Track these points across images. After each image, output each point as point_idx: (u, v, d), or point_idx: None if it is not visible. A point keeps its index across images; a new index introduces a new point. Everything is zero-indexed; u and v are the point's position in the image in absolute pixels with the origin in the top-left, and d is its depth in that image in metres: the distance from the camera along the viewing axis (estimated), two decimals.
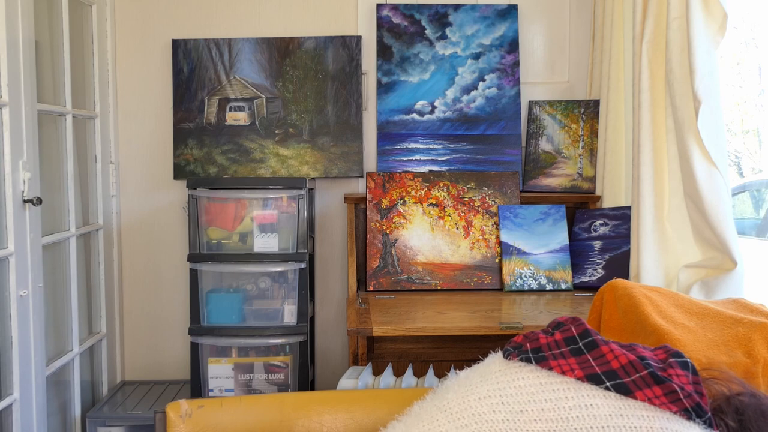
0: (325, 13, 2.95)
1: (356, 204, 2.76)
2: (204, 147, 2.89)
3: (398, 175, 2.72)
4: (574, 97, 2.95)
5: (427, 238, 2.66)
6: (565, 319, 1.06)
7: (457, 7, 2.92)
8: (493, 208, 2.70)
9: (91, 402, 2.79)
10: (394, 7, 2.92)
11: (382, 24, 2.92)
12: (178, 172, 2.89)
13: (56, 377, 2.50)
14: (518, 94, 2.91)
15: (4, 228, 2.12)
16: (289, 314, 2.63)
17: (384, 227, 2.67)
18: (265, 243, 2.62)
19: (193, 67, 2.89)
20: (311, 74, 2.90)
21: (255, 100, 2.90)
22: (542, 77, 2.98)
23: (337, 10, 2.95)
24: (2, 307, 2.13)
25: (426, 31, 2.92)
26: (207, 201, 2.64)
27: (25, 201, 2.17)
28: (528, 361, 1.01)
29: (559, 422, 0.93)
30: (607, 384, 0.95)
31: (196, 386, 2.63)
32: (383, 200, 2.69)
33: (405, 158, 2.89)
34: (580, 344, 1.00)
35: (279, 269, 2.64)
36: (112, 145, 2.91)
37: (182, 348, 2.96)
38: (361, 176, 2.90)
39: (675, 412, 0.93)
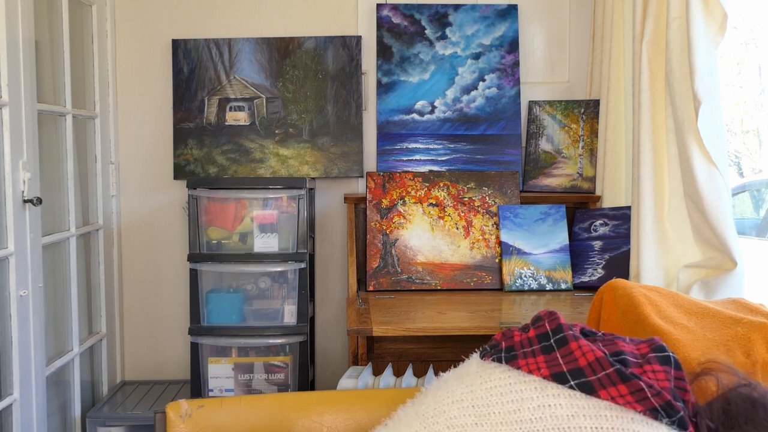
0: (325, 13, 2.95)
1: (356, 204, 2.76)
2: (204, 147, 2.89)
3: (398, 175, 2.72)
4: (574, 97, 2.95)
5: (427, 238, 2.66)
6: (544, 314, 1.04)
7: (457, 7, 2.92)
8: (493, 208, 2.70)
9: (91, 402, 2.79)
10: (394, 7, 2.92)
11: (382, 24, 2.92)
12: (178, 172, 2.89)
13: (56, 377, 2.50)
14: (518, 94, 2.91)
15: (4, 228, 2.12)
16: (289, 314, 2.63)
17: (384, 227, 2.67)
18: (265, 243, 2.62)
19: (193, 67, 2.89)
20: (311, 74, 2.90)
21: (255, 100, 2.90)
22: (542, 77, 2.98)
23: (337, 10, 2.95)
24: (2, 307, 2.13)
25: (426, 31, 2.92)
26: (207, 201, 2.64)
27: (25, 201, 2.17)
28: (499, 360, 0.99)
29: (522, 423, 0.91)
30: (572, 383, 0.93)
31: (196, 386, 2.63)
32: (383, 200, 2.69)
33: (405, 158, 2.89)
34: (552, 341, 0.98)
35: (279, 269, 2.64)
36: (112, 145, 2.91)
37: (182, 348, 2.96)
38: (361, 176, 2.91)
39: (640, 412, 0.90)
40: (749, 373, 1.66)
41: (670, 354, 0.97)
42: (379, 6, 2.92)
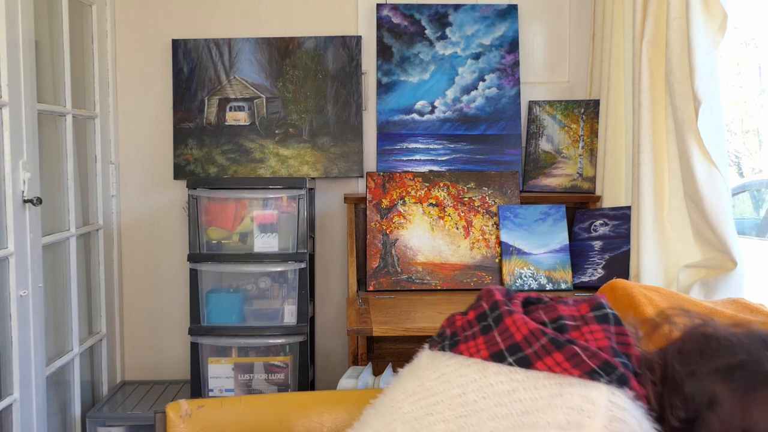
0: (325, 13, 2.95)
1: (356, 204, 2.76)
2: (204, 147, 2.89)
3: (398, 175, 2.72)
4: (574, 97, 2.95)
5: (427, 238, 2.66)
6: (483, 293, 1.03)
7: (457, 7, 2.92)
8: (493, 208, 2.70)
9: (91, 402, 2.79)
10: (394, 7, 2.92)
11: (382, 24, 2.92)
12: (178, 172, 2.89)
13: (56, 377, 2.50)
14: (518, 94, 2.91)
15: (4, 228, 2.12)
16: (289, 314, 2.63)
17: (384, 227, 2.67)
18: (265, 243, 2.62)
19: (193, 67, 2.89)
20: (311, 74, 2.90)
21: (255, 100, 2.90)
22: (542, 77, 2.98)
23: (337, 10, 2.95)
24: (2, 307, 2.13)
25: (426, 31, 2.92)
26: (207, 201, 2.64)
27: (25, 201, 2.17)
28: (444, 349, 1.00)
29: (467, 405, 0.91)
30: (510, 360, 0.92)
31: (196, 386, 2.63)
32: (383, 200, 2.69)
33: (405, 158, 2.89)
34: (490, 320, 0.97)
35: (279, 269, 2.64)
36: (112, 145, 2.91)
37: (182, 348, 2.96)
38: (361, 176, 2.90)
39: (578, 376, 0.89)
40: None
41: (609, 311, 0.96)
42: (379, 6, 2.92)
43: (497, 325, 0.96)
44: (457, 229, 2.67)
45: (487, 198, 2.71)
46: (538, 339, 0.92)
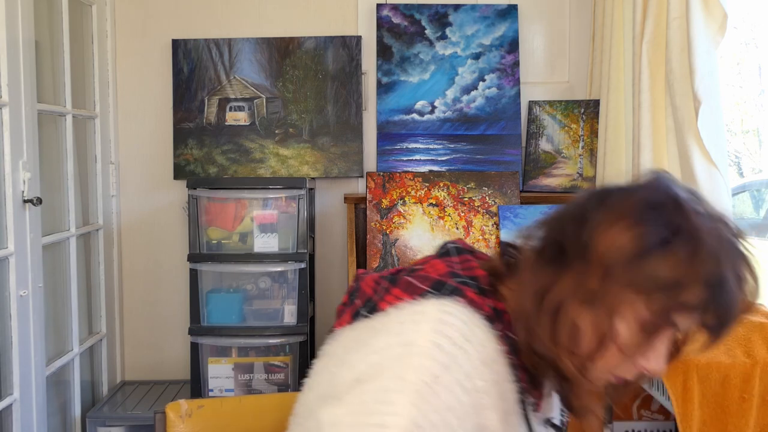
0: (325, 13, 2.95)
1: (356, 204, 2.76)
2: (204, 147, 2.89)
3: (398, 175, 2.72)
4: (574, 97, 2.95)
5: (427, 238, 2.66)
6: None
7: (457, 7, 2.92)
8: (493, 208, 2.70)
9: (91, 402, 2.79)
10: (394, 7, 2.92)
11: (382, 24, 2.92)
12: (178, 172, 2.89)
13: (56, 377, 2.50)
14: (518, 94, 2.91)
15: (4, 228, 2.12)
16: (289, 314, 2.63)
17: (384, 227, 2.67)
18: (265, 243, 2.62)
19: (193, 67, 2.89)
20: (311, 74, 2.90)
21: (255, 100, 2.90)
22: (542, 77, 2.98)
23: (337, 10, 2.95)
24: (2, 307, 2.13)
25: (426, 31, 2.92)
26: (207, 201, 2.64)
27: (25, 201, 2.17)
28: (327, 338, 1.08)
29: (331, 363, 0.99)
30: (363, 312, 1.00)
31: (196, 386, 2.63)
32: (383, 200, 2.69)
33: (405, 158, 2.89)
34: (354, 292, 1.06)
35: (279, 269, 2.64)
36: (112, 145, 2.91)
37: (182, 348, 2.96)
38: (361, 176, 2.90)
39: (411, 300, 0.96)
40: (749, 373, 1.66)
41: (450, 246, 1.05)
42: (379, 6, 2.92)
43: (358, 293, 1.04)
44: (457, 229, 2.67)
45: (487, 198, 2.71)
46: (380, 284, 1.01)
